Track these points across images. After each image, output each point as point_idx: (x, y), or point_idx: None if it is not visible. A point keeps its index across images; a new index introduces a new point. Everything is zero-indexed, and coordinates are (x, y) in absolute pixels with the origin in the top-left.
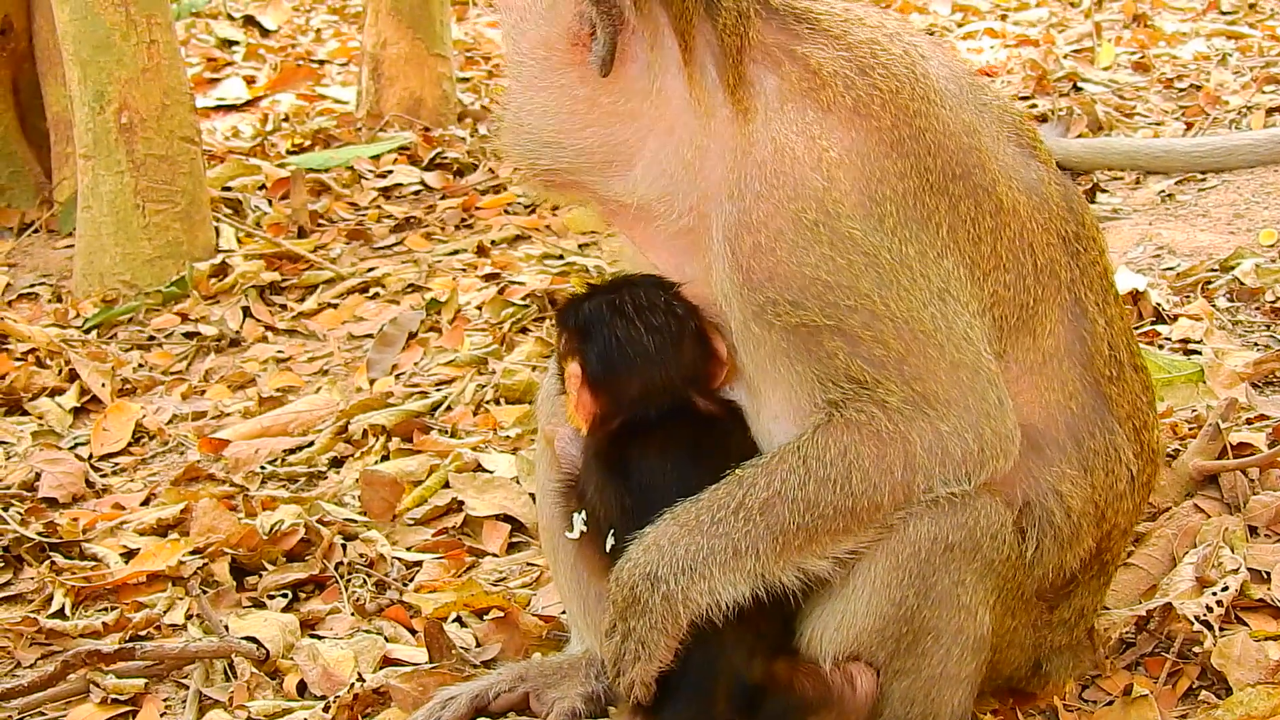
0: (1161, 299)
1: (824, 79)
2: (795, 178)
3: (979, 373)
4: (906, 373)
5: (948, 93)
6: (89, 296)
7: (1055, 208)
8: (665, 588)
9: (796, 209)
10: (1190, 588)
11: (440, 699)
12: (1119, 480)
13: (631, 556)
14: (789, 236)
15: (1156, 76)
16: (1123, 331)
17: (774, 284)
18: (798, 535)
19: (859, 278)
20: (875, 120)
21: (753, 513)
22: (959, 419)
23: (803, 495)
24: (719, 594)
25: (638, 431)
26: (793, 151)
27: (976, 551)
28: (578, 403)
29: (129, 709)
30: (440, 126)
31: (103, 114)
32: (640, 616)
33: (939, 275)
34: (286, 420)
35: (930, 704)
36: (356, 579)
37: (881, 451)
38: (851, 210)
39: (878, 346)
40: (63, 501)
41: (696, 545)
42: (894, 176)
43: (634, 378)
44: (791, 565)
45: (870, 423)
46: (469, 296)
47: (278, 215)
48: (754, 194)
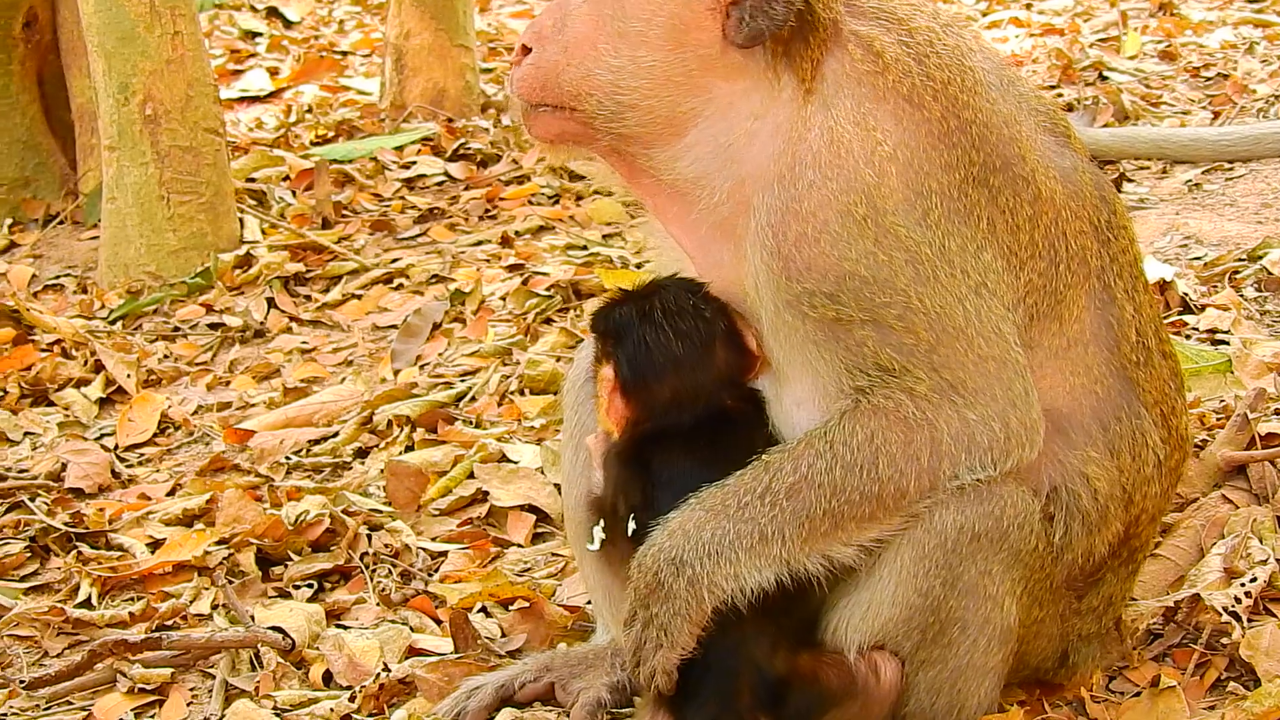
0: (1189, 289)
1: (886, 63)
2: (848, 170)
3: (1006, 364)
4: (935, 361)
5: (991, 84)
6: (114, 288)
7: (1088, 196)
8: (690, 572)
9: (847, 202)
10: (1218, 579)
11: (465, 689)
12: (1146, 464)
13: (656, 541)
14: (834, 229)
15: (1183, 65)
16: (1151, 319)
17: (812, 275)
18: (824, 521)
19: (898, 273)
20: (926, 111)
21: (779, 497)
22: (986, 407)
23: (829, 480)
24: (744, 579)
25: (665, 434)
26: (848, 143)
27: (1004, 541)
28: (609, 407)
29: (155, 698)
30: (463, 117)
31: (127, 105)
32: (663, 602)
33: (977, 269)
34: (311, 411)
35: (956, 694)
36: (382, 569)
37: (908, 437)
38: (897, 205)
39: (908, 336)
40: (89, 492)
41: (723, 530)
42: (940, 170)
43: (664, 384)
44: (817, 552)
45: (897, 409)
46: (493, 287)
47: (302, 206)
48: (806, 183)
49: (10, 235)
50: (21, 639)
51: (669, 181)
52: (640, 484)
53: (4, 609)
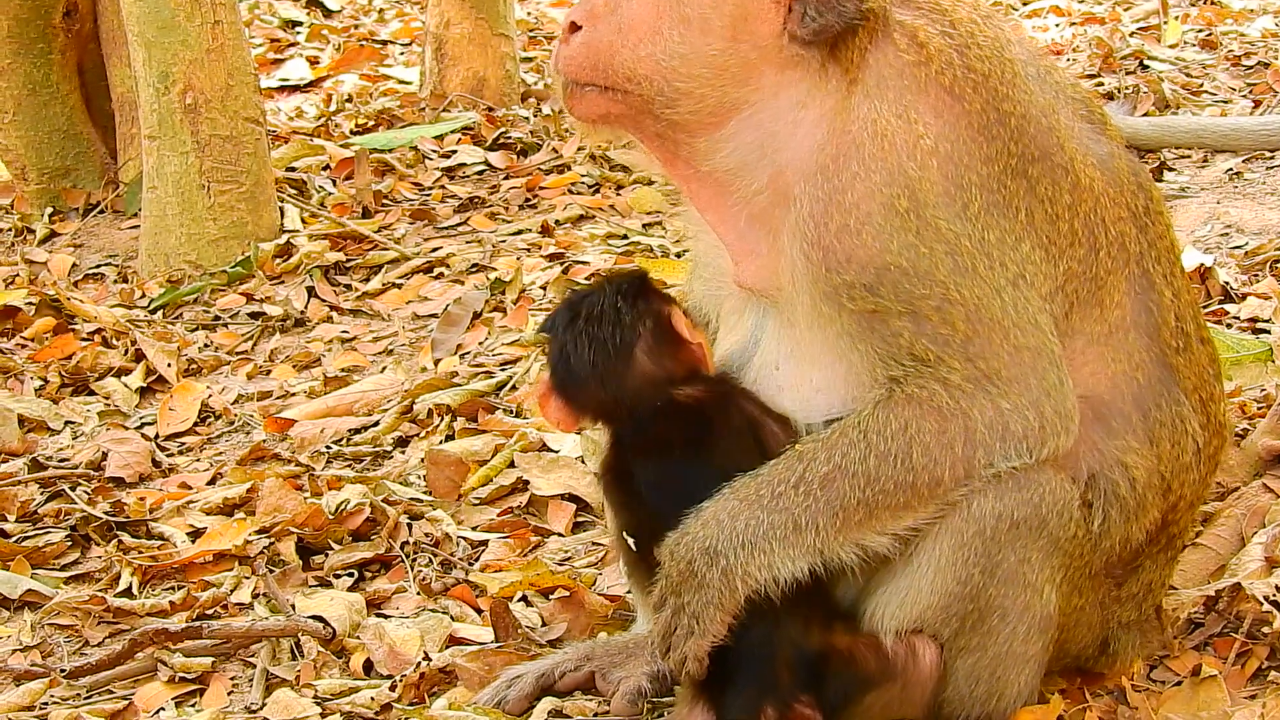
0: (1229, 278)
1: (929, 54)
2: (891, 164)
3: (1041, 353)
4: (970, 351)
5: (1029, 75)
6: (154, 277)
7: (1126, 182)
8: (724, 563)
9: (890, 195)
10: (1259, 568)
11: (506, 678)
12: (1185, 452)
13: (689, 530)
14: (877, 221)
15: (1224, 54)
16: (1189, 304)
17: (852, 267)
18: (858, 510)
19: (937, 265)
20: (967, 104)
21: (813, 487)
22: (1020, 396)
23: (863, 470)
24: (778, 569)
25: (631, 439)
26: (891, 136)
27: (1043, 528)
28: (545, 408)
29: (196, 687)
30: (504, 106)
31: (167, 95)
32: (696, 591)
33: (1016, 260)
34: (352, 400)
35: (996, 682)
36: (422, 558)
37: (942, 426)
38: (939, 198)
39: (945, 327)
40: (129, 481)
41: (757, 520)
42: (980, 162)
43: (588, 390)
44: (851, 541)
45: (931, 399)
46: (533, 276)
47: (342, 195)
48: (850, 174)
49: (51, 224)
50: (62, 628)
51: (707, 170)
52: (626, 501)
53: (45, 598)
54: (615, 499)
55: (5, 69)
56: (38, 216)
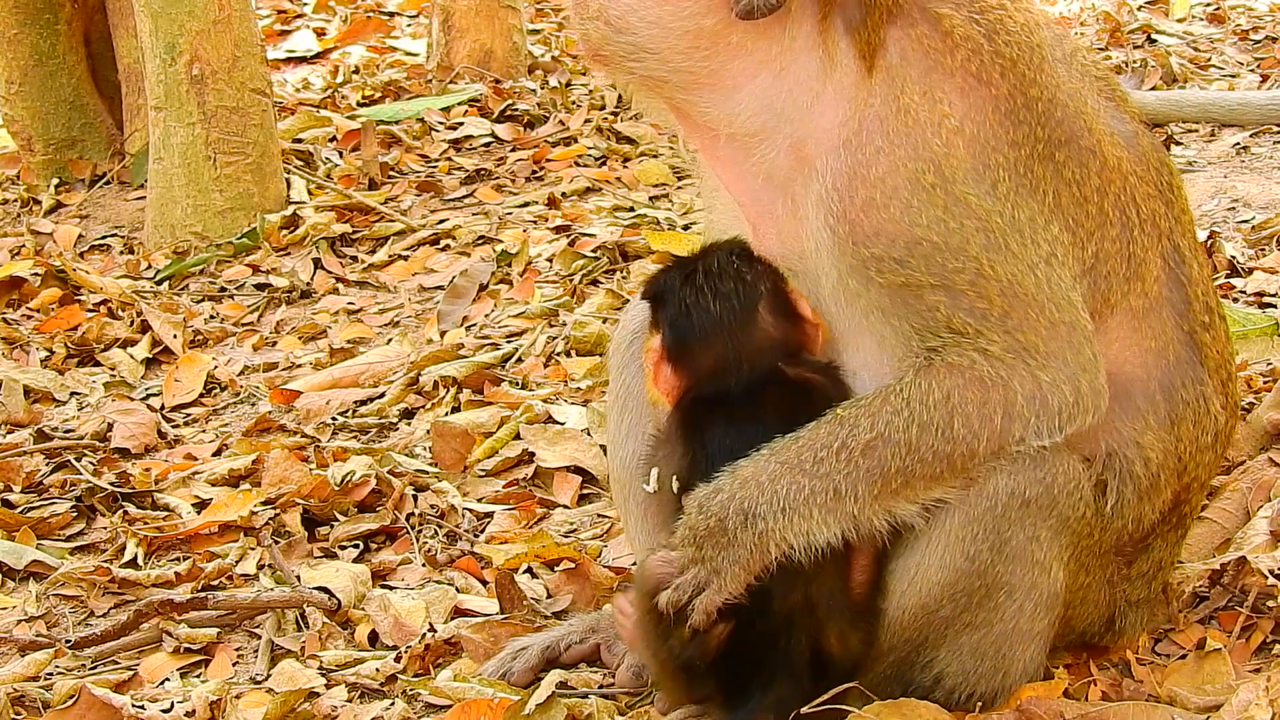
0: (1236, 252)
1: (954, 42)
2: (916, 138)
3: (1076, 329)
4: (1009, 325)
5: (1057, 59)
6: (160, 248)
7: (1150, 160)
8: (762, 525)
9: (915, 169)
10: (1264, 542)
11: (511, 649)
12: (1205, 432)
13: (724, 488)
14: (904, 195)
15: (1232, 28)
16: (1209, 279)
17: (881, 240)
18: (896, 479)
19: (969, 240)
20: (994, 88)
21: (855, 454)
22: (1058, 370)
23: (905, 438)
24: (814, 535)
25: (718, 403)
26: (915, 113)
27: (1053, 508)
28: (657, 376)
29: (201, 658)
30: (510, 79)
31: (174, 66)
32: (723, 549)
33: (1047, 240)
34: (357, 372)
35: (1001, 658)
36: (428, 530)
37: (984, 397)
38: (966, 175)
39: (981, 302)
40: (135, 452)
41: (798, 485)
42: (1007, 145)
43: (707, 348)
44: (884, 509)
45: (972, 368)
46: (540, 248)
47: (348, 167)
48: (874, 148)
49: (57, 195)
50: (68, 599)
51: (726, 134)
52: (690, 446)
53: (50, 569)
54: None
55: (12, 39)
56: (44, 187)
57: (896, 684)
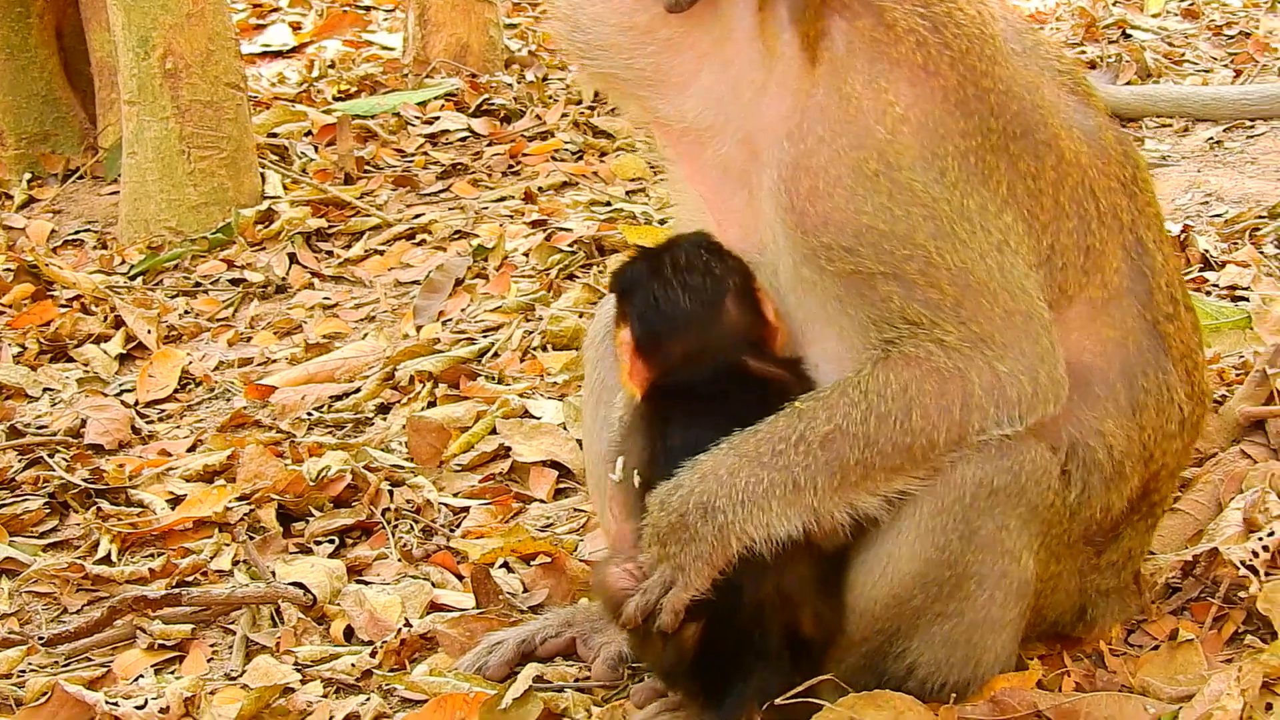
0: (1209, 246)
1: (897, 34)
2: (859, 127)
3: (1032, 318)
4: (963, 315)
5: (1012, 52)
6: (134, 243)
7: (1113, 154)
8: (721, 519)
9: (858, 158)
10: (1236, 533)
11: (487, 644)
12: (1170, 420)
13: (683, 483)
14: (847, 184)
15: (1205, 23)
16: (1176, 271)
17: (829, 229)
18: (855, 470)
19: (916, 228)
20: (943, 79)
21: (813, 446)
22: (1016, 361)
23: (863, 431)
24: (774, 528)
25: (683, 396)
26: (858, 101)
27: (1021, 496)
28: (631, 369)
29: (175, 654)
30: (487, 73)
31: (147, 59)
32: (686, 544)
33: (998, 229)
34: (333, 367)
35: (973, 648)
36: (403, 525)
37: (942, 389)
38: (913, 163)
39: (933, 291)
40: (109, 448)
41: (757, 478)
42: (956, 135)
43: (675, 339)
44: (844, 501)
45: (929, 359)
46: (516, 243)
47: (324, 162)
48: (816, 138)
49: (30, 190)
50: (41, 595)
51: (680, 129)
52: (652, 439)
53: (23, 565)
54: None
55: None
56: (16, 182)
57: (870, 674)
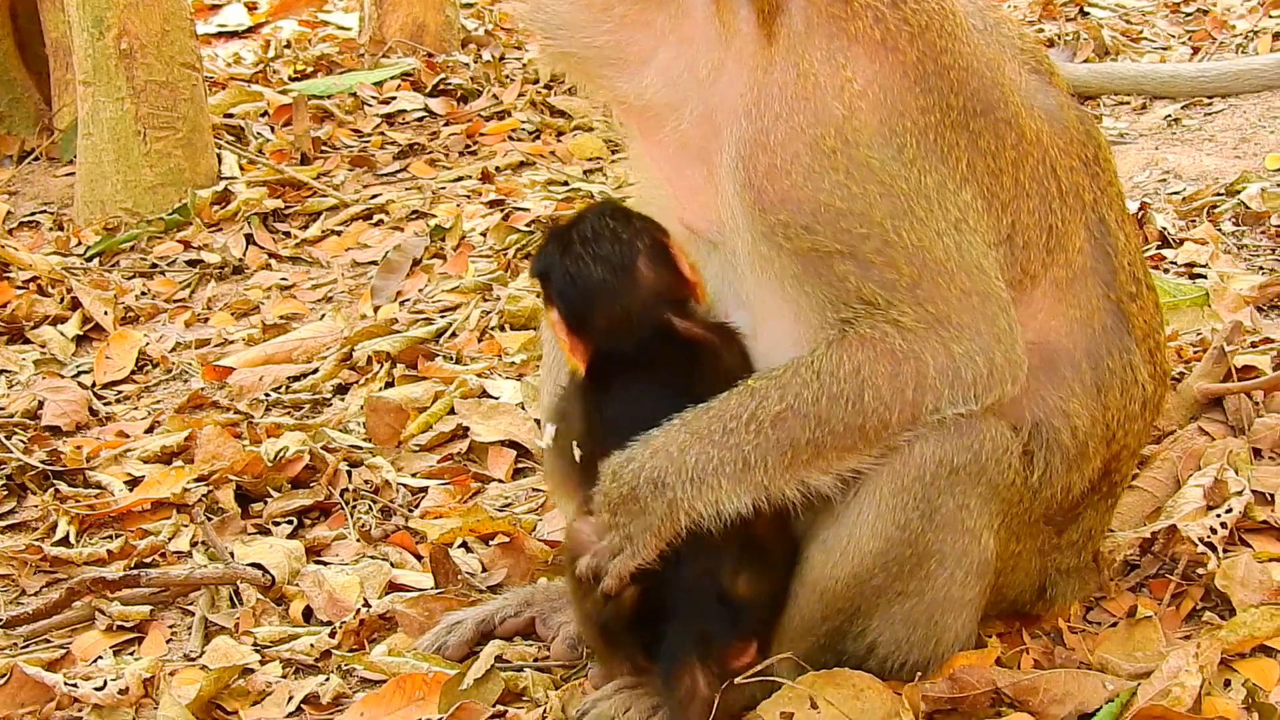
0: (1167, 223)
1: (855, 10)
2: (816, 103)
3: (990, 299)
4: (919, 295)
5: (973, 28)
6: (90, 224)
7: (1075, 132)
8: (671, 495)
9: (815, 135)
10: (1195, 510)
11: (446, 624)
12: (1133, 401)
13: (635, 457)
14: (805, 161)
15: (1163, 1)
16: (1138, 250)
17: (786, 207)
18: (806, 450)
19: (873, 206)
20: (901, 55)
21: (764, 425)
22: (971, 342)
23: (815, 411)
24: (723, 505)
25: (617, 362)
26: (816, 78)
27: (981, 475)
28: (569, 347)
29: (134, 635)
30: (444, 52)
31: (102, 40)
32: (636, 516)
33: (956, 206)
34: (290, 347)
35: (933, 626)
36: (362, 505)
37: (895, 370)
38: (870, 139)
39: (889, 271)
40: (66, 430)
41: (707, 455)
42: (916, 111)
43: (597, 310)
44: (796, 480)
45: (884, 339)
46: (473, 223)
47: (280, 142)
48: (773, 115)
49: None
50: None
51: (639, 105)
52: (588, 410)
53: None
54: (577, 409)
55: None
56: None
57: (830, 653)
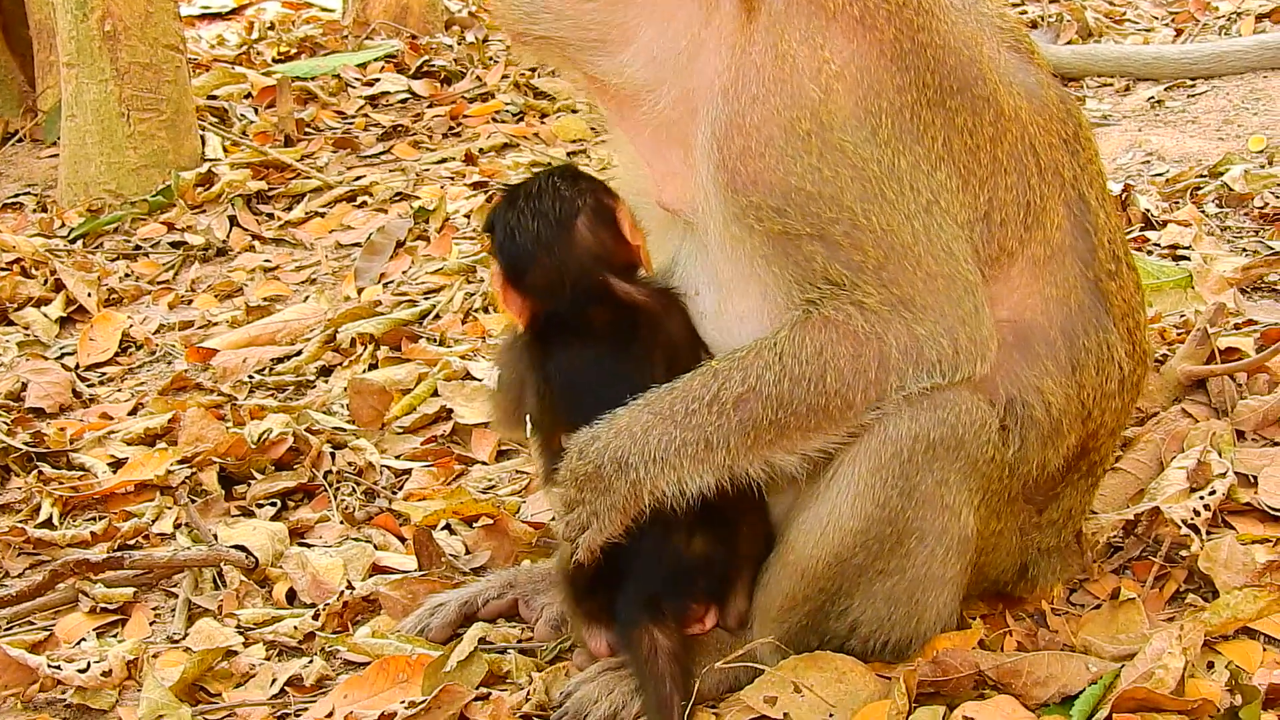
0: (1151, 205)
1: None
2: (793, 86)
3: (956, 281)
4: (884, 277)
5: (951, 6)
6: (74, 206)
7: (1054, 110)
8: (634, 475)
9: (791, 118)
10: (1178, 492)
11: (429, 606)
12: (1110, 379)
13: (599, 436)
14: (779, 144)
15: None
16: (1118, 229)
17: (759, 189)
18: (769, 431)
19: (844, 190)
20: (879, 33)
21: (726, 407)
22: (935, 323)
23: (777, 392)
24: (686, 484)
25: (556, 323)
26: (793, 59)
27: (960, 449)
28: (505, 300)
29: (118, 618)
30: (427, 34)
31: (86, 21)
32: (601, 494)
33: (929, 188)
34: (274, 329)
35: (915, 605)
36: (345, 487)
37: (857, 351)
38: (844, 122)
39: (856, 253)
40: (50, 411)
41: (669, 436)
42: (892, 90)
43: (534, 266)
44: (760, 459)
45: (847, 321)
46: (457, 204)
47: (264, 124)
48: (750, 96)
49: None
50: None
51: (616, 86)
52: (538, 386)
53: None
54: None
55: None
56: None
57: (812, 633)
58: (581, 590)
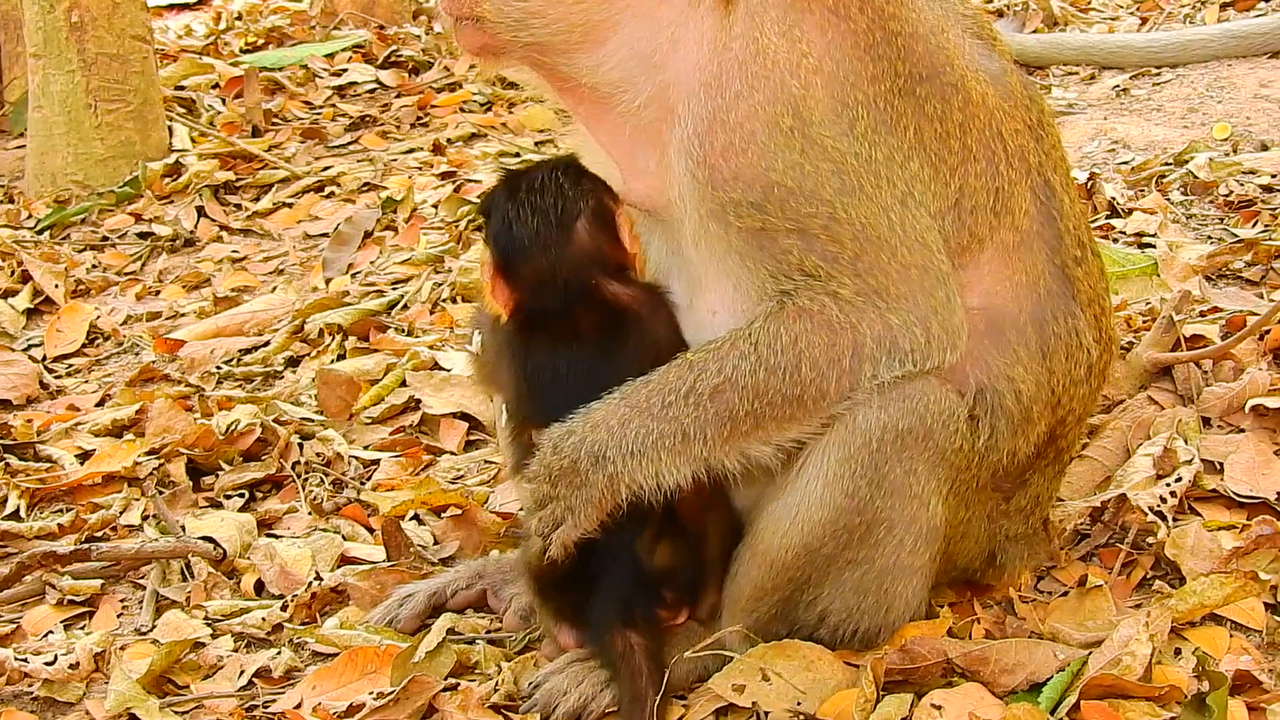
0: (1116, 193)
1: None
2: (774, 82)
3: (929, 271)
4: (859, 268)
5: None
6: (41, 197)
7: (1018, 97)
8: (611, 469)
9: (774, 113)
10: (1144, 479)
11: (398, 596)
12: (1078, 365)
13: (575, 430)
14: (761, 139)
15: None
16: (1083, 215)
17: (739, 184)
18: (745, 421)
19: (823, 184)
20: (852, 23)
21: (703, 398)
22: (908, 313)
23: (753, 383)
24: (663, 477)
25: (541, 320)
26: (773, 54)
27: (928, 439)
28: (492, 289)
29: (85, 610)
30: (395, 24)
31: (53, 12)
32: (576, 489)
33: (904, 179)
34: (242, 320)
35: (884, 594)
36: (314, 478)
37: (832, 340)
38: (824, 116)
39: (833, 245)
40: (16, 403)
41: (646, 429)
42: (866, 81)
43: (528, 261)
44: (737, 451)
45: (821, 311)
46: (425, 195)
47: (231, 114)
48: (733, 92)
49: None
50: None
51: (590, 85)
52: (514, 371)
53: None
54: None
55: None
56: None
57: (781, 623)
58: (549, 588)
